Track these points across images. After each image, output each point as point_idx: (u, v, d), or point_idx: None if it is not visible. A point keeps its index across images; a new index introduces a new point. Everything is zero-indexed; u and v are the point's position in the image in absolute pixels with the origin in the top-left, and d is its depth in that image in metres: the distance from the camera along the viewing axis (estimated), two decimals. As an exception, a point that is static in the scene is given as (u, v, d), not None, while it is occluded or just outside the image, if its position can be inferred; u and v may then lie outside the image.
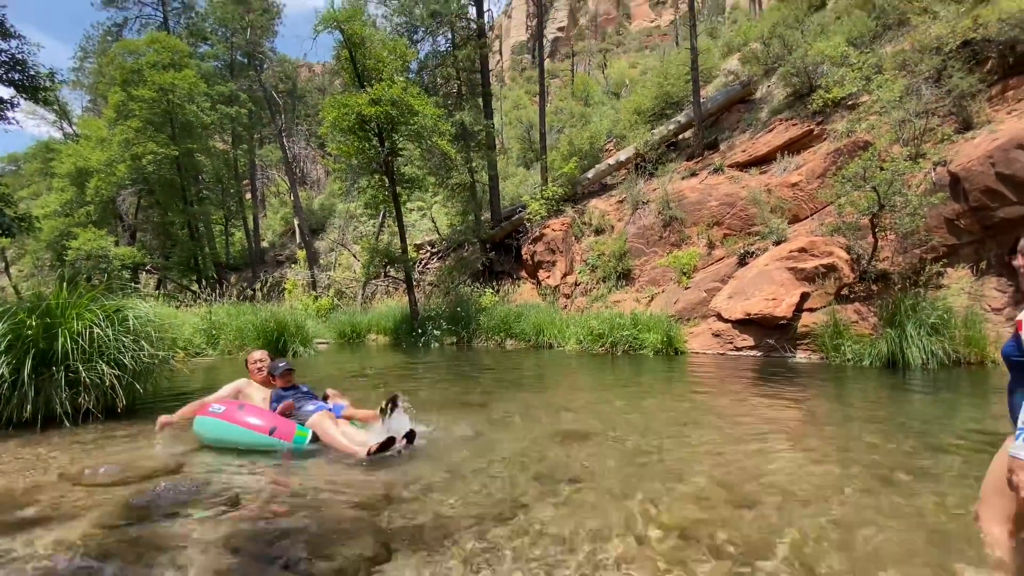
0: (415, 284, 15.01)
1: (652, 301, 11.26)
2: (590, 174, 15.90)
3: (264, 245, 29.10)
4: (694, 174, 13.17)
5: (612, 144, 18.15)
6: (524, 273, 15.20)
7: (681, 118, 15.30)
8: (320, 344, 12.33)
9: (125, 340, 4.73)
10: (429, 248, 19.71)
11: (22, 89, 10.69)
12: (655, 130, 15.46)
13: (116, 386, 4.50)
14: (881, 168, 7.83)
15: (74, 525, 2.45)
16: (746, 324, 8.84)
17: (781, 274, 8.79)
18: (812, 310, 8.48)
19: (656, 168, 14.37)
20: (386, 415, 3.75)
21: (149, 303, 5.68)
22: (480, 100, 16.56)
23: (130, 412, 4.66)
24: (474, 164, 16.31)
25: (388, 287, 19.07)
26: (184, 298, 12.80)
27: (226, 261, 27.04)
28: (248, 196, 29.10)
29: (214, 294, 12.23)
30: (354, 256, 21.83)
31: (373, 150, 12.29)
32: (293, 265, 24.82)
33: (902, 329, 7.15)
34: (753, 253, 10.12)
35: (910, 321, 7.13)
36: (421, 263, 18.88)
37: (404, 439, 3.50)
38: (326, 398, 4.22)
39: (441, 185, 16.35)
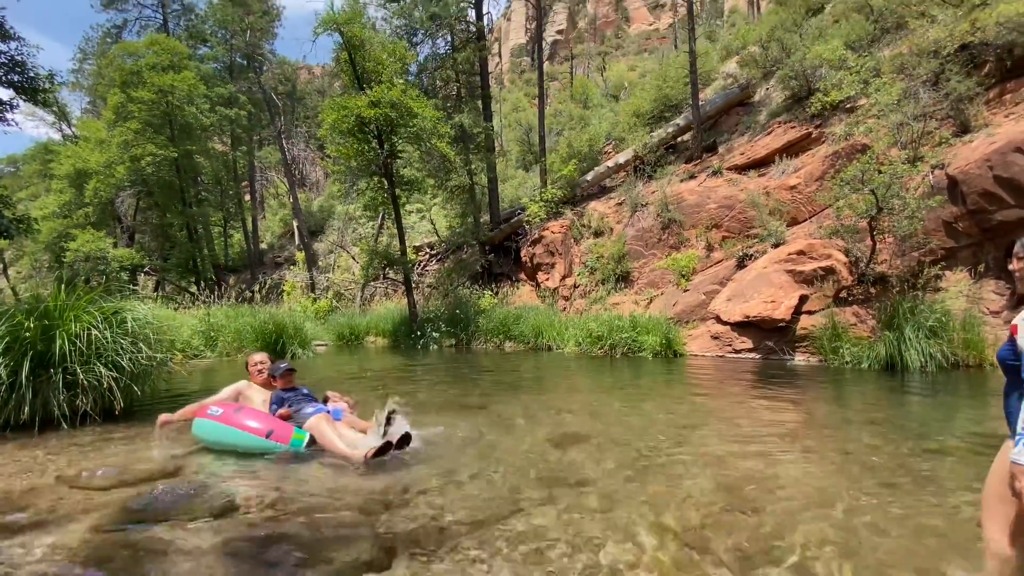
0: (414, 286, 15.00)
1: (651, 303, 11.27)
2: (589, 176, 15.92)
3: (263, 247, 29.08)
4: (693, 177, 13.19)
5: (611, 147, 18.17)
6: (523, 275, 15.20)
7: (680, 121, 15.34)
8: (319, 346, 12.31)
9: (123, 342, 4.73)
10: (428, 250, 19.70)
11: (21, 91, 10.67)
12: (654, 133, 15.49)
13: (114, 388, 4.50)
14: (879, 171, 7.84)
15: (71, 528, 2.44)
16: (745, 326, 8.85)
17: (780, 277, 8.80)
18: (811, 313, 8.49)
19: (655, 171, 14.39)
20: (381, 426, 3.71)
21: (147, 305, 5.69)
22: (479, 102, 16.58)
23: (128, 414, 4.66)
24: (473, 166, 16.32)
25: (387, 289, 19.05)
26: (182, 300, 12.77)
27: (225, 263, 27.01)
28: (247, 198, 29.11)
29: (212, 296, 12.19)
30: (353, 258, 21.82)
31: (372, 152, 12.30)
32: (292, 267, 24.81)
33: (900, 332, 7.15)
34: (752, 256, 10.13)
35: (908, 324, 7.13)
36: (420, 265, 18.87)
37: (400, 443, 3.47)
38: (327, 400, 4.19)
39: (440, 187, 16.37)
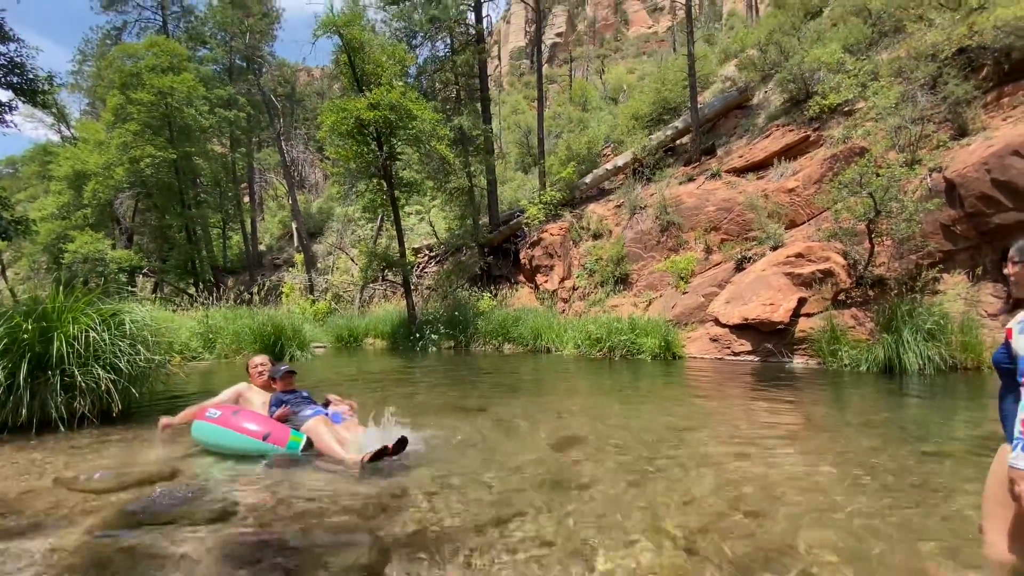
0: (413, 288, 15.00)
1: (650, 306, 11.27)
2: (588, 179, 15.94)
3: (262, 248, 29.06)
4: (691, 179, 13.21)
5: (610, 149, 18.21)
6: (522, 277, 15.20)
7: (679, 124, 15.38)
8: (317, 348, 12.29)
9: (121, 344, 4.72)
10: (427, 252, 19.70)
11: (20, 92, 10.68)
12: (653, 135, 15.52)
13: (112, 390, 4.49)
14: (877, 174, 7.87)
15: (69, 531, 2.43)
16: (743, 329, 8.86)
17: (778, 279, 8.81)
18: (809, 315, 8.50)
19: (654, 173, 14.42)
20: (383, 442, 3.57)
21: (146, 307, 5.68)
22: (479, 105, 16.61)
23: (125, 416, 4.65)
24: (472, 168, 16.34)
25: (386, 291, 19.05)
26: (181, 301, 12.74)
27: (223, 264, 26.99)
28: (246, 199, 29.10)
29: (211, 297, 12.16)
30: (352, 260, 21.82)
31: (371, 154, 12.31)
32: (291, 269, 24.79)
33: (899, 334, 7.16)
34: (750, 258, 10.14)
35: (907, 326, 7.14)
36: (419, 267, 18.87)
37: (396, 447, 3.45)
38: (327, 404, 4.18)
39: (439, 189, 16.38)
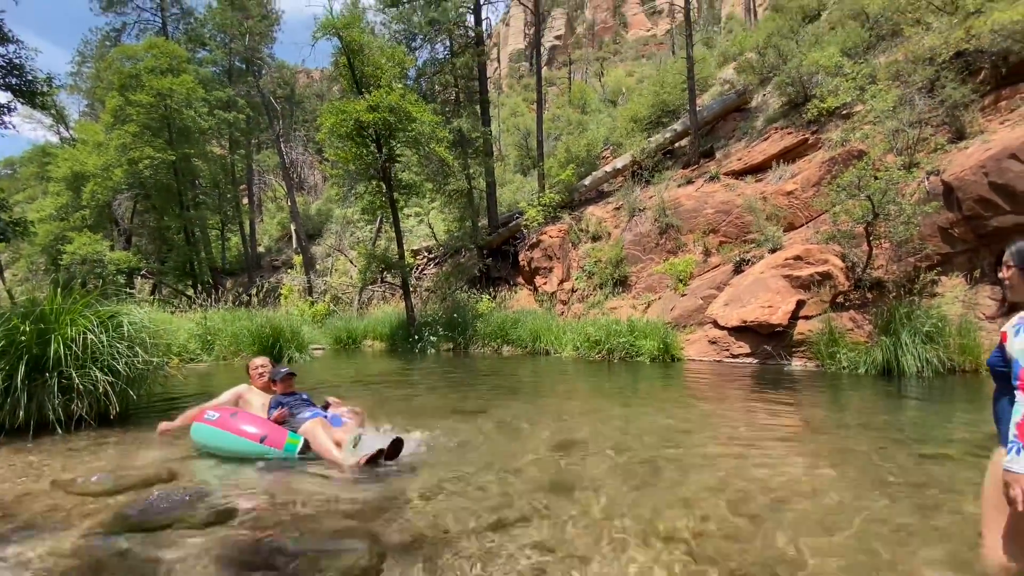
0: (412, 290, 14.98)
1: (648, 308, 11.27)
2: (587, 181, 15.96)
3: (260, 250, 29.03)
4: (690, 182, 13.24)
5: (609, 151, 18.24)
6: (521, 279, 15.21)
7: (677, 126, 15.41)
8: (316, 350, 12.28)
9: (119, 346, 4.71)
10: (426, 254, 19.71)
11: (19, 93, 10.68)
12: (651, 138, 15.55)
13: (109, 392, 4.47)
14: (875, 177, 7.89)
15: (66, 534, 2.43)
16: (742, 331, 8.86)
17: (777, 282, 8.82)
18: (808, 318, 8.51)
19: (652, 176, 14.44)
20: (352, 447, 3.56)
21: (144, 309, 5.67)
22: (478, 107, 16.63)
23: (123, 419, 4.63)
24: (471, 170, 16.35)
25: (385, 293, 19.04)
26: (179, 303, 12.72)
27: (222, 266, 26.96)
28: (245, 201, 29.09)
29: (210, 299, 12.14)
30: (351, 262, 21.81)
31: (371, 156, 12.32)
32: (289, 270, 24.76)
33: (897, 337, 7.17)
34: (749, 261, 10.15)
35: (905, 329, 7.15)
36: (418, 269, 18.86)
37: (391, 451, 3.45)
38: (327, 407, 4.17)
39: (438, 191, 16.38)
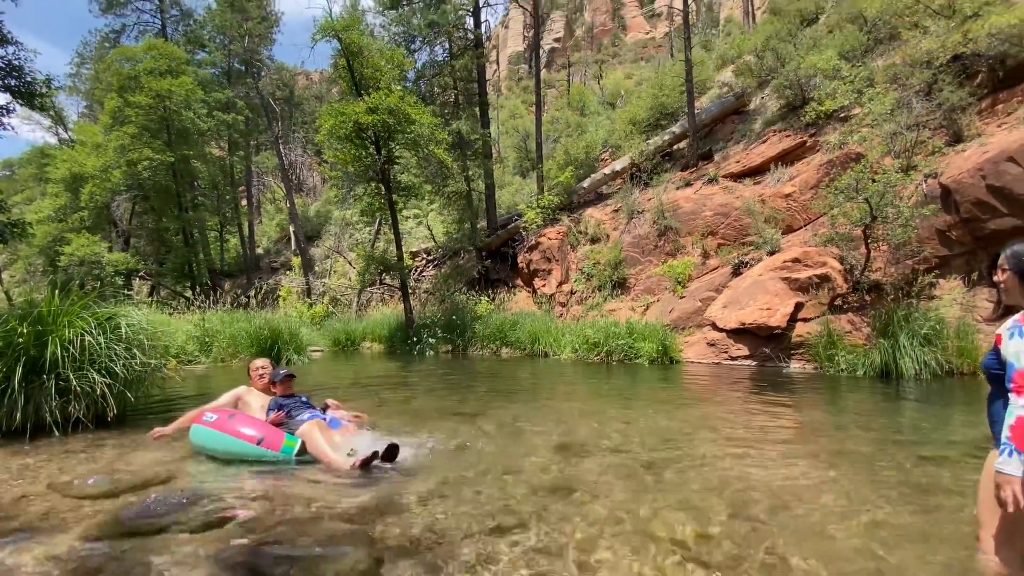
0: (410, 292, 14.98)
1: (647, 310, 11.28)
2: (586, 183, 15.98)
3: (259, 252, 29.01)
4: (689, 184, 13.26)
5: (607, 154, 18.26)
6: (520, 281, 15.20)
7: (676, 129, 15.44)
8: (314, 352, 12.26)
9: (117, 348, 4.69)
10: (425, 256, 19.71)
11: (18, 95, 10.66)
12: (650, 140, 15.58)
13: (107, 395, 4.46)
14: (873, 180, 7.91)
15: (63, 537, 2.41)
16: (741, 334, 8.87)
17: (775, 284, 8.84)
18: (806, 320, 8.52)
19: (651, 178, 14.46)
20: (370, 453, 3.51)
21: (142, 310, 5.66)
22: (477, 109, 16.65)
23: (120, 421, 4.62)
24: (470, 172, 16.37)
25: (383, 295, 19.02)
26: (178, 305, 12.68)
27: (221, 268, 26.92)
28: (244, 203, 29.06)
29: (208, 301, 12.12)
30: (349, 263, 21.79)
31: (370, 158, 12.32)
32: (288, 272, 24.75)
33: (895, 339, 7.19)
34: (747, 263, 10.17)
35: (903, 331, 7.17)
36: (417, 271, 18.86)
37: (387, 454, 3.43)
38: (326, 409, 4.15)
39: (437, 193, 16.40)
